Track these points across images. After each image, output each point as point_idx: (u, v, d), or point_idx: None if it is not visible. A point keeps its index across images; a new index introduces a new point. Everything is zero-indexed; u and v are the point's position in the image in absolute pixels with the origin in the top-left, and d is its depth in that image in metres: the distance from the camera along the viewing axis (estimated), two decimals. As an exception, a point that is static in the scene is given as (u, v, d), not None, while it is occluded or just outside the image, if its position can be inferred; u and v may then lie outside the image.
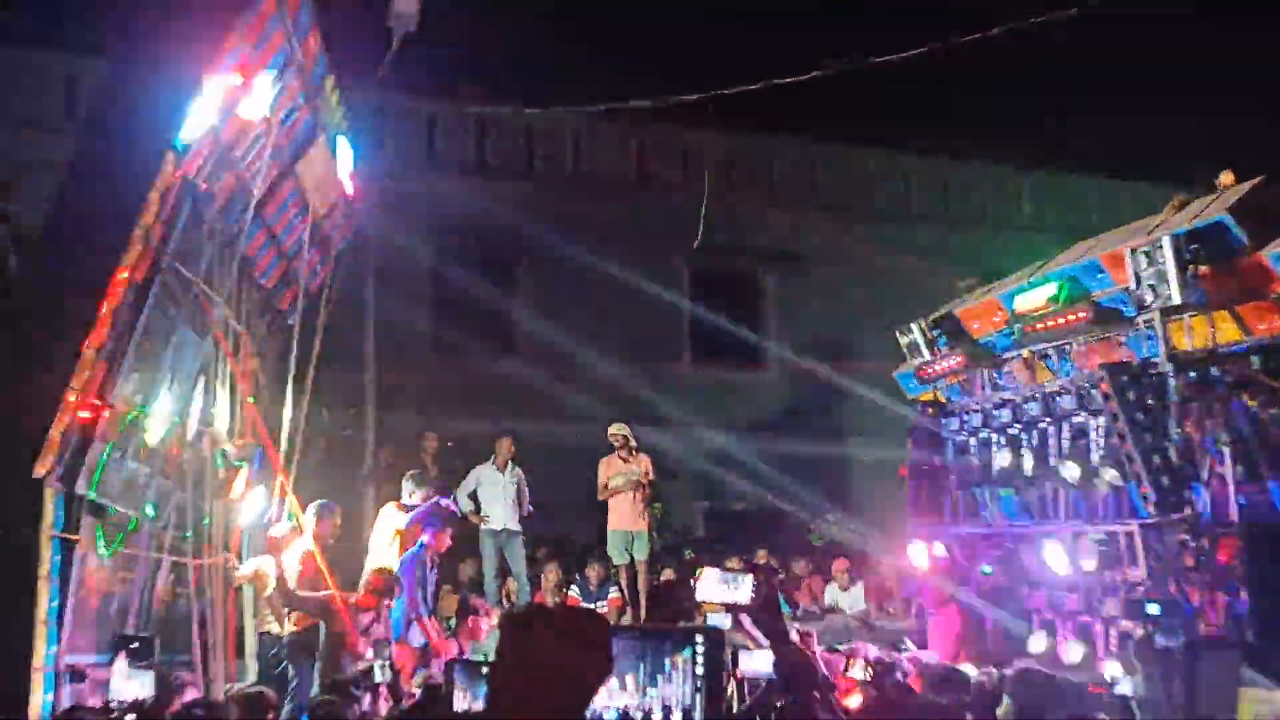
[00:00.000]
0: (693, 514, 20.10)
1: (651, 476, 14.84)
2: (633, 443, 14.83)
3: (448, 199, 19.01)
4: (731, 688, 8.99)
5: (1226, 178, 11.10)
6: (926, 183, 23.67)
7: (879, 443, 17.81)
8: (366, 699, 8.77)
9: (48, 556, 8.17)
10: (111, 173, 8.87)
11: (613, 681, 1.85)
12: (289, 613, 10.66)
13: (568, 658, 1.83)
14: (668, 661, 2.93)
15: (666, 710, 2.95)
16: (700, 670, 2.96)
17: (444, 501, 12.88)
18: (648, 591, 14.64)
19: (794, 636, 8.78)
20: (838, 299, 21.16)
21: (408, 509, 12.69)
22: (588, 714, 1.92)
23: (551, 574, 14.83)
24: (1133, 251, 10.57)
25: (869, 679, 7.83)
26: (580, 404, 17.45)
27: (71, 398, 8.18)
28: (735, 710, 8.67)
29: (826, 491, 18.19)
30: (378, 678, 9.13)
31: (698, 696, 2.95)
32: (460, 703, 5.50)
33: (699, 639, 3.02)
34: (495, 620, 12.77)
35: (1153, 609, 9.33)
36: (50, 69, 17.50)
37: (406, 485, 12.94)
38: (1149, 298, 10.43)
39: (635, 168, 21.86)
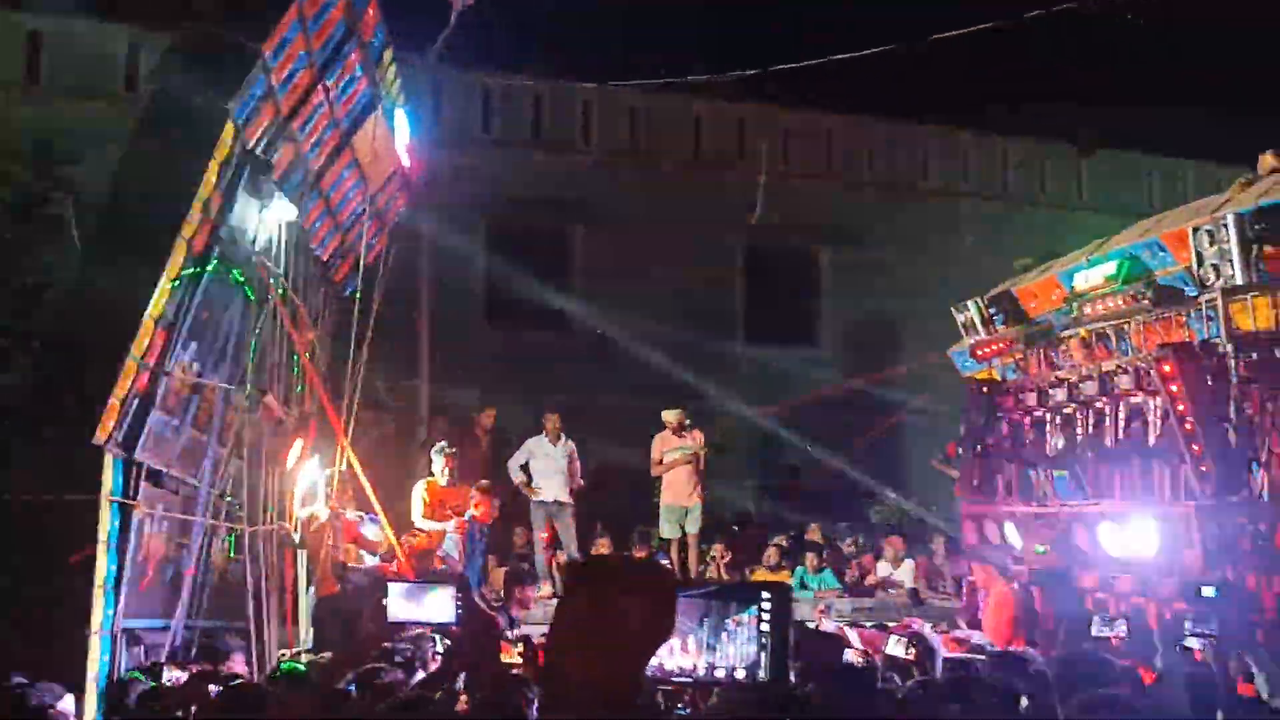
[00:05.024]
0: (744, 490, 20.06)
1: (707, 449, 14.85)
2: (688, 422, 14.83)
3: (504, 173, 19.06)
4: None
5: (1270, 159, 10.91)
6: (984, 160, 23.43)
7: (933, 421, 17.73)
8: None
9: (106, 522, 8.30)
10: (171, 143, 8.93)
11: (673, 642, 1.80)
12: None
13: (629, 610, 1.77)
14: (730, 621, 2.92)
15: (730, 669, 2.93)
16: (766, 627, 2.93)
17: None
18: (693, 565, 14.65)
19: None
20: (893, 276, 21.02)
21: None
22: (648, 672, 1.87)
23: (603, 547, 14.87)
24: (1195, 230, 10.43)
25: (910, 657, 7.71)
26: (633, 378, 17.46)
27: (131, 365, 8.29)
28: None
29: (879, 469, 18.09)
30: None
31: (763, 654, 2.92)
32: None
33: (765, 595, 2.99)
34: (544, 591, 12.85)
35: (1208, 591, 9.20)
36: (112, 40, 17.69)
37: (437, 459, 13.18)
38: (1211, 277, 10.29)
39: (692, 143, 21.79)
